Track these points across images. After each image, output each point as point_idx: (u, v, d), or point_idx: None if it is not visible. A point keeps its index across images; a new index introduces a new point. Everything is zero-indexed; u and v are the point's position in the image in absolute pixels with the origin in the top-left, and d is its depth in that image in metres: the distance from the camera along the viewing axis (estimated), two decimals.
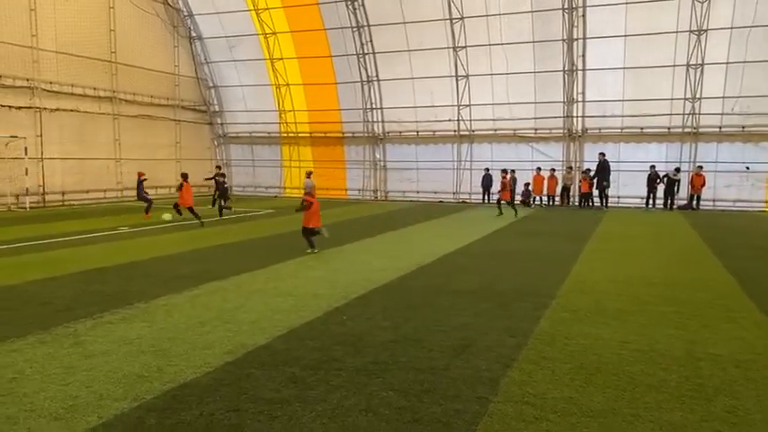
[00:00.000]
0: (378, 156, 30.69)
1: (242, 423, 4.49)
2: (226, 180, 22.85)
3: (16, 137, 22.58)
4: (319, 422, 4.52)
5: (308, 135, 32.09)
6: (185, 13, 31.16)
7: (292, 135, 32.31)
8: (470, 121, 28.23)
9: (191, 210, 18.66)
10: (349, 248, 13.68)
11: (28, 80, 23.58)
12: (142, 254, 12.53)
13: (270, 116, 32.41)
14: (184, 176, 19.26)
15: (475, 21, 26.46)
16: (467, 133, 28.53)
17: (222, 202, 21.24)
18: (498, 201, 22.31)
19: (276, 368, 5.67)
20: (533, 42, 26.04)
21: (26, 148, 22.87)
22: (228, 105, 33.66)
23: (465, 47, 27.14)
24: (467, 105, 28.07)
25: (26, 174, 22.95)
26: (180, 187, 19.22)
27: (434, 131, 29.04)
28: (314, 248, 12.82)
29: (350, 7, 28.06)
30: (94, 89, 26.39)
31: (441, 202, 28.66)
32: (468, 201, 28.56)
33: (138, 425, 4.43)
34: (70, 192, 25.29)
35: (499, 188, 22.18)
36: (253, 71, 31.80)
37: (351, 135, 31.07)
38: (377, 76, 29.37)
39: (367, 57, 29.07)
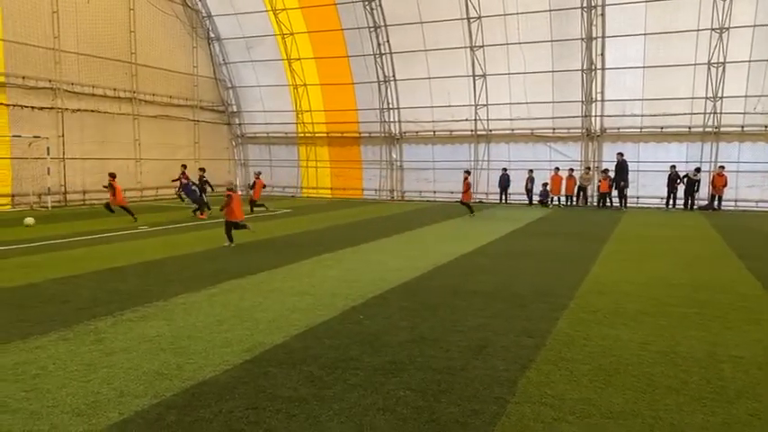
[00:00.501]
0: (394, 156, 30.69)
1: (260, 421, 4.52)
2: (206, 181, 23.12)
3: (39, 137, 22.96)
4: (337, 421, 4.53)
5: (325, 135, 32.20)
6: (204, 14, 31.44)
7: (309, 135, 32.44)
8: (487, 120, 28.12)
9: (124, 208, 18.91)
10: (365, 248, 13.69)
11: (50, 81, 23.96)
12: (161, 253, 12.67)
13: (287, 116, 32.58)
14: (112, 176, 19.40)
15: (492, 20, 26.35)
16: (484, 133, 28.43)
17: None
18: (461, 202, 22.50)
19: (294, 367, 5.69)
20: (551, 41, 25.86)
21: (48, 148, 23.23)
22: (246, 106, 33.89)
23: (482, 46, 27.04)
24: (484, 105, 27.97)
25: (48, 173, 23.32)
26: (109, 186, 19.26)
27: (451, 131, 28.98)
28: (231, 242, 13.57)
29: (367, 7, 28.10)
30: (115, 90, 26.74)
31: (458, 201, 28.52)
32: (484, 201, 28.44)
33: (158, 421, 4.48)
34: (91, 191, 25.62)
35: (462, 189, 22.40)
36: (270, 71, 31.99)
37: (367, 135, 31.12)
38: (394, 75, 29.38)
39: (384, 57, 29.09)
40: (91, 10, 25.28)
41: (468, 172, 23.04)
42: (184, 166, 24.19)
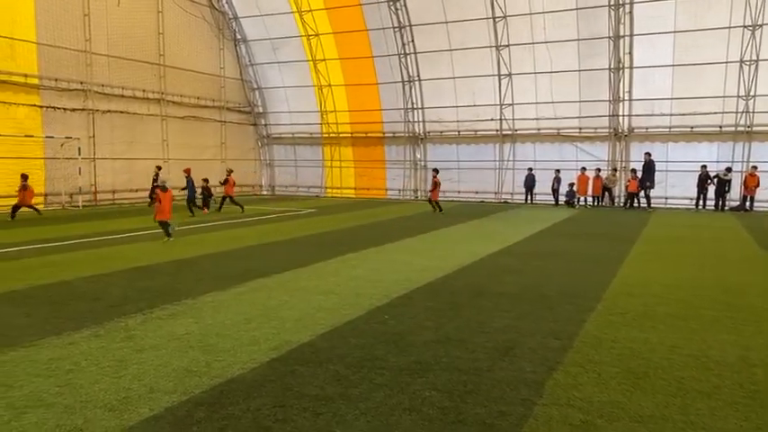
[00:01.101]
0: (418, 155, 30.68)
1: (287, 419, 4.55)
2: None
3: (71, 138, 23.48)
4: (363, 420, 4.55)
5: (349, 135, 32.33)
6: (230, 16, 31.81)
7: (334, 135, 32.59)
8: (513, 120, 27.94)
9: (31, 206, 19.44)
10: (390, 248, 13.71)
11: (81, 83, 24.48)
12: (188, 252, 12.85)
13: (312, 117, 32.78)
14: (24, 177, 19.72)
15: (518, 19, 26.19)
16: (509, 133, 28.25)
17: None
18: (429, 200, 23.12)
19: (320, 365, 5.73)
20: (578, 40, 25.59)
21: (80, 149, 23.74)
22: (272, 106, 34.19)
23: (508, 45, 26.87)
24: (509, 104, 27.79)
25: (79, 173, 23.83)
26: (24, 188, 19.61)
27: (476, 131, 28.85)
28: (170, 237, 14.30)
29: (392, 8, 28.13)
30: (143, 91, 27.20)
31: (482, 202, 28.43)
32: (510, 201, 28.26)
33: (187, 418, 4.55)
34: (120, 191, 26.13)
35: (430, 188, 23.29)
36: (296, 72, 32.23)
37: (391, 135, 31.15)
38: (418, 75, 29.37)
39: (408, 57, 29.10)
40: (121, 13, 25.77)
41: (436, 170, 23.65)
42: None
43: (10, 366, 5.59)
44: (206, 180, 23.12)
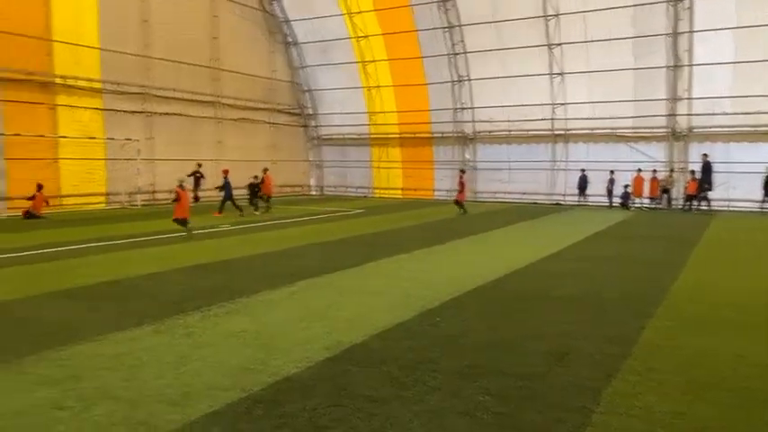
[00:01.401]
0: (467, 156, 30.43)
1: (343, 419, 4.60)
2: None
3: (130, 139, 24.37)
4: (417, 422, 4.55)
5: (397, 136, 32.38)
6: (282, 19, 32.34)
7: (382, 136, 32.71)
8: (565, 119, 27.38)
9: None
10: (439, 249, 13.66)
11: (141, 87, 25.36)
12: (241, 251, 13.14)
13: (360, 118, 32.99)
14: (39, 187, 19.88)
15: (571, 17, 25.64)
16: (561, 132, 27.70)
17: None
18: (456, 201, 22.83)
19: (373, 366, 5.77)
20: (634, 38, 24.87)
21: (139, 150, 24.62)
22: (322, 108, 34.60)
23: (560, 44, 26.36)
24: (562, 104, 27.26)
25: (138, 174, 24.71)
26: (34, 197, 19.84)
27: (527, 131, 28.40)
28: (190, 233, 15.00)
29: (442, 8, 28.03)
30: (199, 94, 27.96)
31: (534, 203, 27.97)
32: (562, 202, 27.70)
33: (246, 414, 4.66)
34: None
35: (457, 188, 23.00)
36: (345, 74, 32.50)
37: (440, 135, 31.03)
38: (468, 75, 29.16)
39: (458, 57, 28.92)
40: (178, 18, 26.57)
41: (462, 171, 23.39)
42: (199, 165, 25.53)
43: (79, 359, 5.86)
44: (255, 177, 23.52)
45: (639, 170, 25.26)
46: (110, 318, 7.44)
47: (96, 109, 23.85)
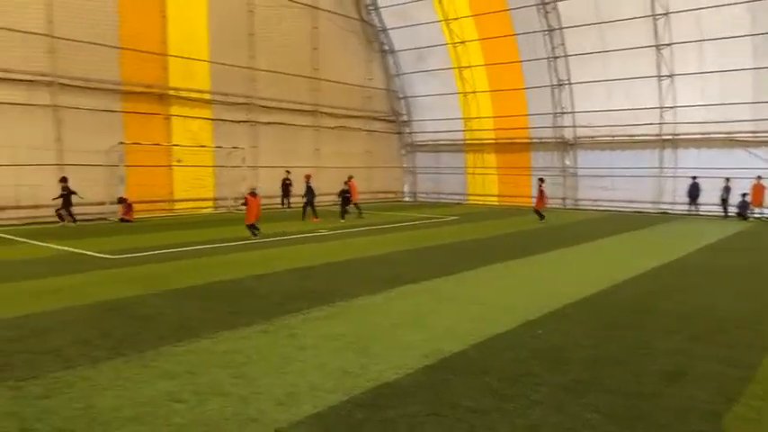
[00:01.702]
0: (567, 162, 29.44)
1: (443, 427, 4.58)
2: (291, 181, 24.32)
3: (236, 147, 25.71)
4: None
5: (493, 141, 31.91)
6: (379, 28, 32.88)
7: (477, 142, 32.37)
8: (675, 124, 25.80)
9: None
10: (539, 259, 13.29)
11: (246, 97, 26.67)
12: (340, 255, 13.45)
13: (455, 124, 32.84)
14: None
15: (682, 15, 24.17)
16: (670, 137, 26.13)
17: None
18: (535, 210, 22.21)
19: (473, 376, 5.69)
20: (752, 35, 23.03)
21: (244, 158, 25.90)
22: (416, 114, 34.79)
23: (670, 44, 24.93)
24: (671, 107, 25.74)
25: (243, 180, 25.97)
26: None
27: (632, 136, 27.03)
28: (256, 235, 15.84)
29: (541, 11, 27.37)
30: (299, 103, 29.00)
31: (639, 212, 26.56)
32: (669, 211, 26.10)
33: (348, 418, 4.75)
34: (278, 196, 27.99)
35: (536, 196, 22.44)
36: (440, 80, 32.51)
37: (538, 141, 30.24)
38: (568, 79, 28.26)
39: (558, 60, 28.10)
40: (281, 31, 27.72)
41: (542, 180, 22.81)
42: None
43: (193, 356, 6.22)
44: (346, 183, 23.77)
45: (759, 177, 23.31)
46: (222, 317, 7.85)
47: (206, 119, 25.35)
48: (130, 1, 22.22)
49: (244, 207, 16.56)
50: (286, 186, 26.23)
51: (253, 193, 16.47)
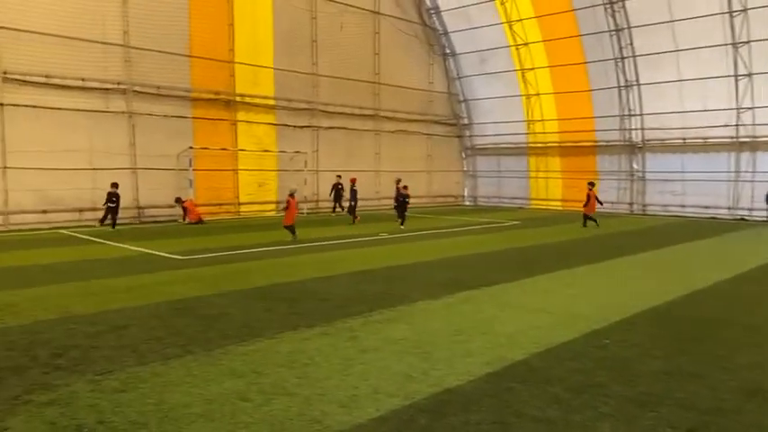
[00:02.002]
0: (635, 165, 28.41)
1: None
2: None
3: (299, 152, 26.21)
4: None
5: (557, 145, 31.19)
6: (441, 32, 32.79)
7: (540, 145, 31.73)
8: (753, 125, 24.45)
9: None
10: (605, 266, 12.88)
11: (308, 103, 27.17)
12: (400, 259, 13.46)
13: (517, 127, 32.30)
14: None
15: (762, 12, 22.88)
16: (747, 140, 24.77)
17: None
18: (584, 215, 21.29)
19: (537, 386, 5.56)
20: None
21: (306, 162, 26.38)
22: (477, 118, 34.45)
23: (747, 42, 23.65)
24: (749, 108, 24.39)
25: (305, 183, 26.46)
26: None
27: (705, 138, 25.79)
28: (295, 236, 16.46)
29: (608, 10, 26.57)
30: (360, 108, 29.28)
31: (713, 218, 25.32)
32: (747, 218, 24.74)
33: (411, 423, 4.73)
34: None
35: (586, 201, 21.46)
36: (502, 83, 32.08)
37: (604, 144, 29.34)
38: (637, 80, 27.30)
39: (626, 60, 27.20)
40: (343, 37, 28.09)
41: (591, 184, 21.94)
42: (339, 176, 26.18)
43: (258, 356, 6.37)
44: (405, 187, 23.50)
45: None
46: (285, 318, 8.00)
47: (270, 124, 25.97)
48: (200, 12, 23.07)
49: (284, 210, 17.04)
50: (337, 191, 26.43)
51: (292, 195, 16.95)
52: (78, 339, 6.89)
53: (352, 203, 22.78)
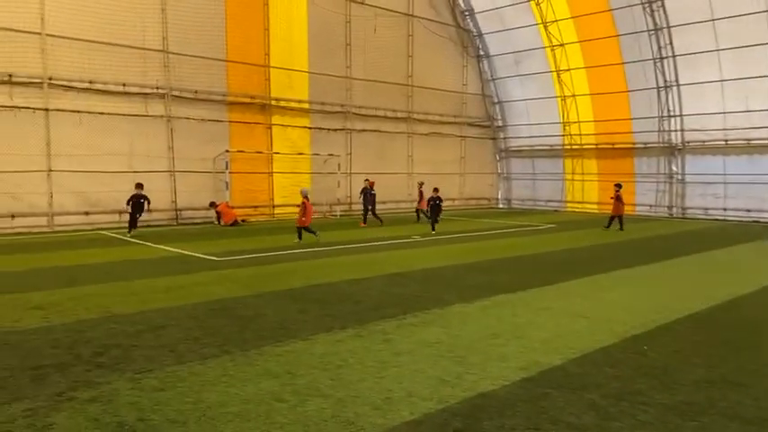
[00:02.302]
0: (674, 168, 27.73)
1: None
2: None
3: (332, 155, 26.39)
4: None
5: (594, 147, 30.66)
6: (475, 34, 32.61)
7: (576, 147, 31.23)
8: None
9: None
10: (644, 270, 12.60)
11: (342, 106, 27.33)
12: (434, 262, 13.42)
13: (552, 129, 31.88)
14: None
15: None
16: None
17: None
18: (616, 216, 21.20)
19: (573, 392, 5.48)
20: None
21: (339, 165, 26.54)
22: (511, 120, 34.12)
23: None
24: None
25: (338, 186, 26.62)
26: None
27: (749, 140, 25.00)
28: (317, 235, 16.62)
29: (647, 10, 26.03)
30: (393, 111, 29.31)
31: (756, 221, 24.53)
32: None
33: (444, 427, 4.71)
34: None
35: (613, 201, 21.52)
36: (537, 84, 31.72)
37: (642, 146, 28.71)
38: (676, 80, 26.64)
39: (665, 61, 26.59)
40: (376, 40, 28.18)
41: (618, 185, 21.86)
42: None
43: (292, 357, 6.43)
44: (435, 189, 23.12)
45: None
46: (319, 320, 8.06)
47: (304, 127, 26.22)
48: (236, 17, 23.45)
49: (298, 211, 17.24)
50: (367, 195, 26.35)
51: (306, 197, 17.15)
52: (119, 338, 7.08)
53: (369, 207, 22.85)
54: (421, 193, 24.61)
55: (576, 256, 14.84)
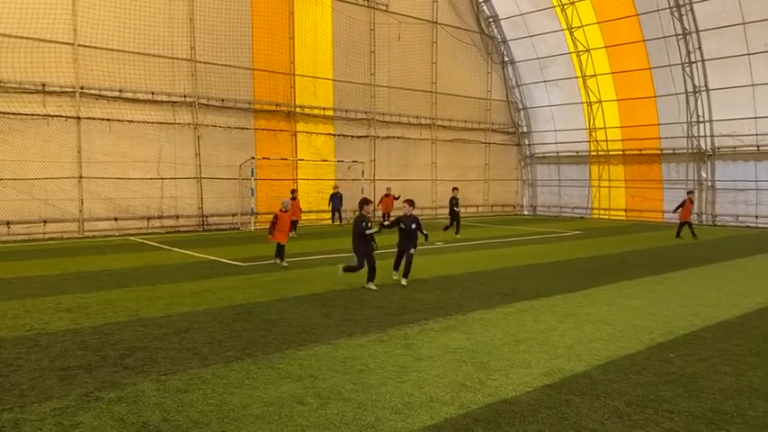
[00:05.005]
0: (704, 174, 27.22)
1: None
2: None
3: (356, 161, 26.52)
4: None
5: (621, 153, 30.28)
6: (499, 40, 32.54)
7: (603, 153, 30.88)
8: None
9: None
10: (671, 278, 12.38)
11: (366, 113, 27.48)
12: (456, 268, 13.38)
13: (578, 135, 31.59)
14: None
15: None
16: None
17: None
18: (685, 223, 20.62)
19: (597, 399, 5.41)
20: None
21: (363, 171, 26.65)
22: (536, 126, 33.91)
23: None
24: None
25: (362, 192, 26.68)
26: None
27: None
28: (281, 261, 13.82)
29: (675, 14, 25.68)
30: (417, 117, 29.37)
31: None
32: None
33: None
34: (394, 209, 28.46)
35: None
36: (563, 90, 31.50)
37: (671, 152, 28.27)
38: (705, 85, 26.20)
39: (694, 65, 26.17)
40: (400, 47, 28.31)
41: (691, 192, 21.92)
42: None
43: (315, 360, 6.47)
44: (455, 189, 22.82)
45: None
46: (341, 324, 8.10)
47: (329, 134, 26.42)
48: (262, 26, 23.79)
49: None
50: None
51: (284, 209, 14.34)
52: (145, 341, 7.21)
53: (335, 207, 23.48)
54: (387, 200, 24.39)
55: (601, 263, 14.65)
